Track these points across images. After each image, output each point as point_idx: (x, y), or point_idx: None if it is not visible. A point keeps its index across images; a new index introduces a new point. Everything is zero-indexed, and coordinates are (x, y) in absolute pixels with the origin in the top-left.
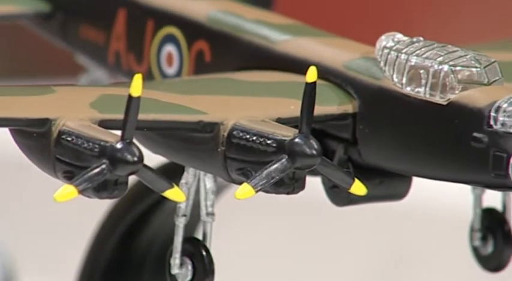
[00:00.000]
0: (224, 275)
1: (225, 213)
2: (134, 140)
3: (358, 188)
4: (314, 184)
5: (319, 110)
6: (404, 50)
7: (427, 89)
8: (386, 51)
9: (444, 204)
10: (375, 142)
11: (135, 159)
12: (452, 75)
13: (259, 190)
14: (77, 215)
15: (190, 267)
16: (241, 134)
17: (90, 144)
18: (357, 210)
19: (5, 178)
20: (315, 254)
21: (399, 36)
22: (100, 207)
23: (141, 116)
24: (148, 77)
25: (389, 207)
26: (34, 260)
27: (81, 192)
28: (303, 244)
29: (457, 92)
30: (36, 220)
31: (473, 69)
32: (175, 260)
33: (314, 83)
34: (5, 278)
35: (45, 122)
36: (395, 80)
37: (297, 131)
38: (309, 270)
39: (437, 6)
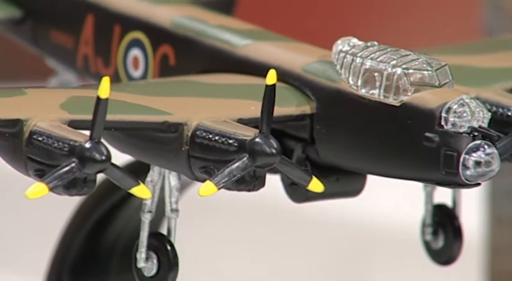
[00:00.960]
0: (188, 268)
1: (189, 209)
2: (102, 140)
3: (315, 185)
4: (275, 182)
5: (279, 111)
6: (359, 54)
7: (381, 91)
8: (342, 55)
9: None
10: (331, 142)
11: (103, 158)
12: (405, 78)
13: (222, 187)
14: (47, 212)
15: (155, 261)
16: (204, 134)
17: (60, 143)
18: (316, 208)
19: None
20: (278, 251)
21: (354, 40)
22: (69, 204)
23: (109, 117)
24: (115, 79)
25: (348, 204)
26: (2, 256)
27: (51, 189)
28: (265, 239)
29: (409, 94)
30: (6, 216)
31: (425, 72)
32: (141, 254)
33: (274, 85)
34: None
35: (17, 123)
36: (351, 82)
37: (257, 131)
38: (272, 266)
39: (391, 12)
